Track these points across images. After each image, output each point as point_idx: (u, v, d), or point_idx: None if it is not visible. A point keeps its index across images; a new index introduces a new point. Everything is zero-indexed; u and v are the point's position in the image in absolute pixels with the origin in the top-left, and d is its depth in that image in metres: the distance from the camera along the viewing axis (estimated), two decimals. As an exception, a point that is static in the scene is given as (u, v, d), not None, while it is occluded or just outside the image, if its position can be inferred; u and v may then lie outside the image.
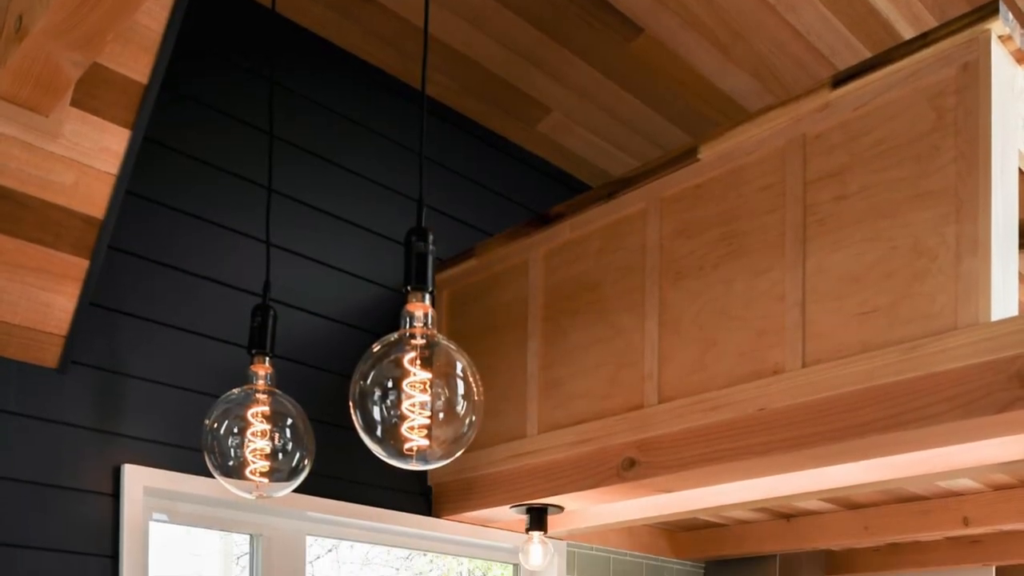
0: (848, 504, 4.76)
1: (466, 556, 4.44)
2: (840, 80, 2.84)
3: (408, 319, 2.36)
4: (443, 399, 2.47)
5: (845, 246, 2.83)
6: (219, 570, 3.75)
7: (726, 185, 3.14)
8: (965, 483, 4.28)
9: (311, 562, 3.89)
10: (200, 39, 3.44)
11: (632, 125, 4.32)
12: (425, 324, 2.37)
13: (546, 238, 3.69)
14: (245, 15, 3.55)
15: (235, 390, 2.90)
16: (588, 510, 4.10)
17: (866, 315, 2.77)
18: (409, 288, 2.34)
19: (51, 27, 2.14)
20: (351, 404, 2.46)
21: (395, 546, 4.17)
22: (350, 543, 4.04)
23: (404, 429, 2.47)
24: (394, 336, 2.37)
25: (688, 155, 3.23)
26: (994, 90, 2.54)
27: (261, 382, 2.87)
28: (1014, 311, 2.58)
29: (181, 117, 3.40)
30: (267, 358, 2.88)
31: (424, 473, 4.05)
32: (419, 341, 2.41)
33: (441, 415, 2.50)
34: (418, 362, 2.41)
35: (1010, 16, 2.54)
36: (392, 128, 4.00)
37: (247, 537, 3.69)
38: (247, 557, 3.71)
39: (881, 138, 2.75)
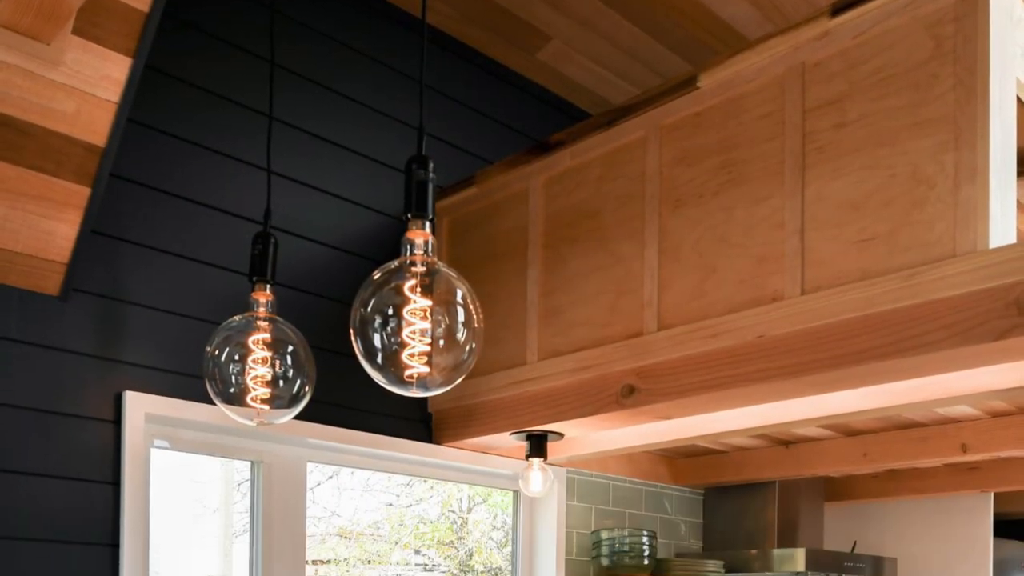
0: (847, 431, 4.79)
1: (466, 483, 4.48)
2: (839, 8, 2.84)
3: (408, 246, 2.39)
4: (443, 326, 2.49)
5: (844, 174, 2.84)
6: (220, 497, 3.79)
7: (725, 113, 3.15)
8: (963, 410, 4.30)
9: (312, 489, 3.93)
10: (199, -34, 3.44)
11: (632, 53, 4.32)
12: (425, 252, 2.40)
13: (546, 166, 3.70)
14: (244, -59, 3.55)
15: (236, 317, 2.94)
16: (588, 437, 4.13)
17: (865, 243, 2.79)
18: (409, 216, 2.36)
19: (52, -45, 2.15)
20: (352, 331, 2.49)
21: (395, 473, 4.20)
22: (350, 470, 4.08)
23: (404, 356, 2.50)
24: (394, 263, 2.40)
25: (688, 83, 3.23)
26: (992, 18, 2.54)
27: (262, 309, 2.91)
28: (1012, 239, 2.59)
29: (182, 45, 3.40)
30: (268, 285, 2.92)
31: (424, 400, 4.09)
32: (419, 268, 2.43)
33: (441, 342, 2.52)
34: (418, 289, 2.43)
35: (1010, -58, 2.54)
36: (392, 56, 4.00)
37: (248, 464, 3.73)
38: (248, 484, 3.74)
39: (880, 66, 2.76)
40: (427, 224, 2.39)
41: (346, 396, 3.80)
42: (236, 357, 2.92)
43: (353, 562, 4.26)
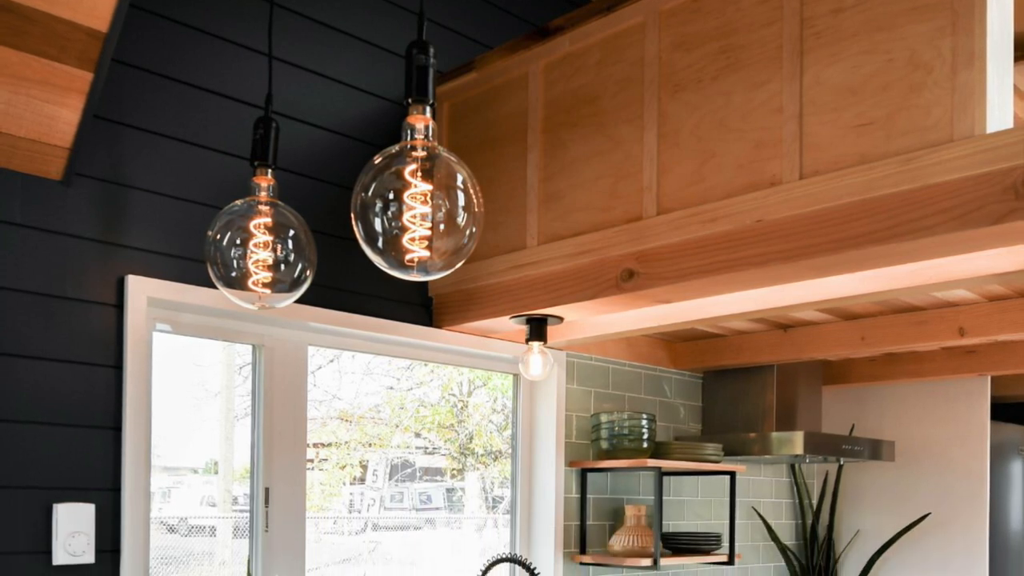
0: (845, 315, 4.83)
1: (466, 366, 4.52)
2: None
3: (409, 131, 2.41)
4: (444, 211, 2.53)
5: (842, 59, 2.86)
6: (221, 380, 3.84)
7: (724, -2, 3.18)
8: (961, 294, 4.34)
9: (313, 372, 3.97)
10: None
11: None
12: (426, 136, 2.42)
13: (546, 51, 3.70)
14: None
15: (237, 202, 2.95)
16: (587, 321, 4.17)
17: (863, 127, 2.82)
18: (410, 100, 2.38)
19: None
20: (353, 215, 2.52)
21: (396, 356, 4.23)
22: (351, 353, 4.13)
23: (405, 240, 2.54)
24: (395, 148, 2.42)
25: (687, -32, 3.24)
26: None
27: (263, 194, 2.92)
28: (1009, 124, 2.62)
29: (184, -71, 3.40)
30: (269, 170, 2.93)
31: (425, 284, 4.13)
32: (420, 153, 2.46)
33: (442, 226, 2.56)
34: (419, 174, 2.46)
35: None
36: (393, -60, 3.99)
37: (249, 348, 3.76)
38: (249, 368, 3.78)
39: (879, -51, 2.78)
40: (427, 109, 2.41)
41: (347, 280, 3.85)
42: (238, 241, 2.93)
43: (354, 445, 4.32)
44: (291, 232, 2.98)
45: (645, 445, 4.69)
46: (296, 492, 3.83)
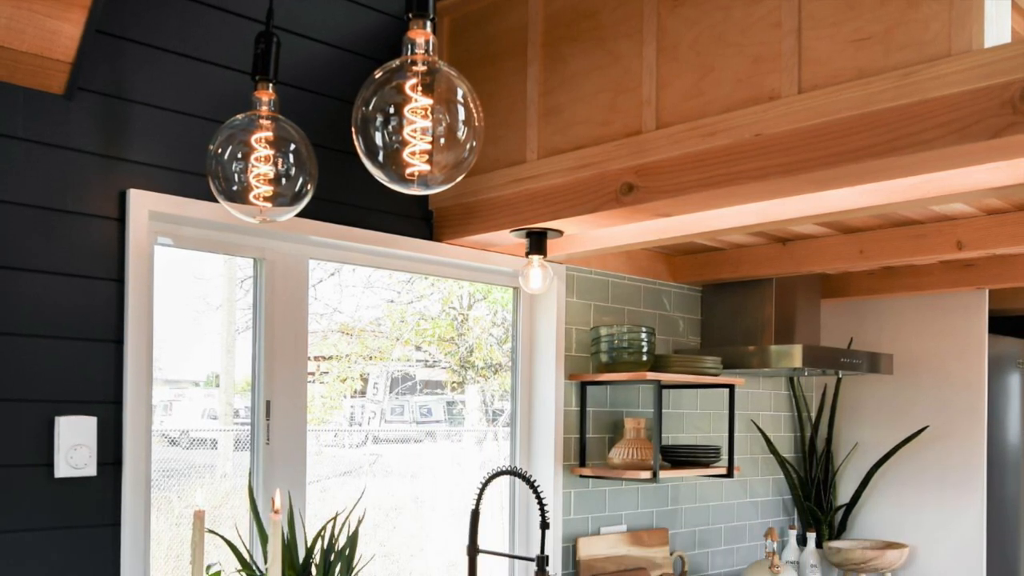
0: (843, 228, 4.85)
1: (467, 280, 4.55)
2: None
3: (409, 46, 2.44)
4: (444, 125, 2.56)
5: (840, -27, 2.89)
6: (223, 294, 3.86)
7: (721, -90, 3.18)
8: (959, 208, 4.36)
9: (314, 286, 4.00)
10: None
11: None
12: (426, 51, 2.45)
13: (546, -36, 3.72)
14: None
15: (239, 116, 2.99)
16: (587, 234, 4.21)
17: (861, 42, 2.84)
18: (410, 15, 2.41)
19: None
20: (353, 130, 2.55)
21: (396, 270, 4.24)
22: (352, 267, 4.16)
23: (406, 154, 2.57)
24: (396, 62, 2.45)
25: None
26: None
27: (264, 108, 2.95)
28: (1007, 38, 2.65)
29: None
30: (270, 84, 2.95)
31: (425, 197, 4.15)
32: (420, 68, 2.49)
33: (442, 140, 2.59)
34: (419, 88, 2.49)
35: None
36: None
37: (250, 261, 3.79)
38: (250, 281, 3.81)
39: None
40: (428, 24, 2.43)
41: (347, 194, 3.87)
42: (239, 155, 2.97)
43: (355, 358, 4.36)
44: (292, 146, 3.02)
45: (644, 358, 4.72)
46: (297, 405, 3.87)
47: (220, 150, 2.98)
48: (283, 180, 3.02)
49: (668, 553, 5.28)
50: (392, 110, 2.53)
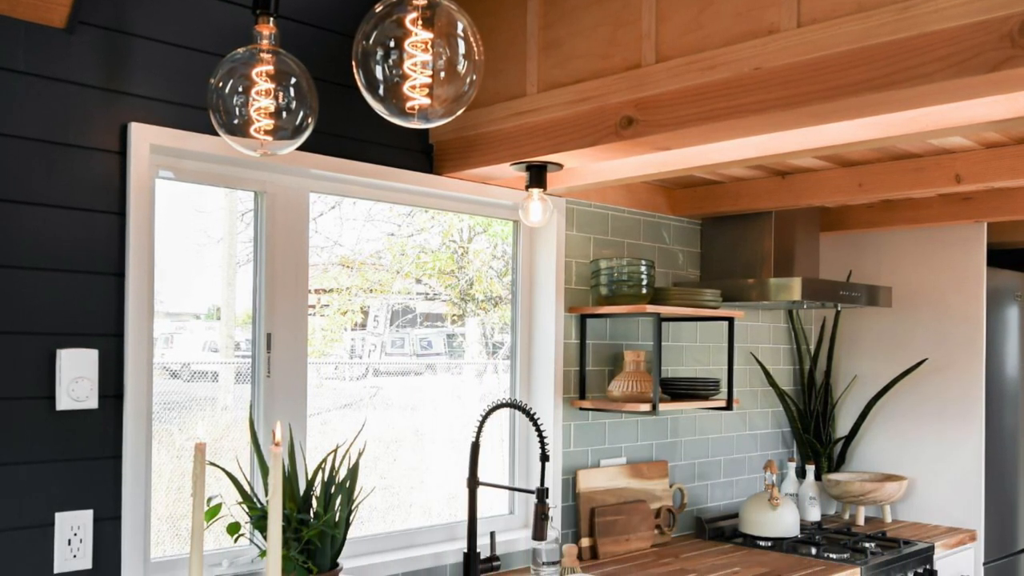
0: (842, 162, 4.87)
1: (467, 213, 4.56)
2: None
3: (410, -20, 2.46)
4: (444, 58, 2.59)
5: (839, -95, 2.89)
6: (224, 227, 3.87)
7: None
8: (957, 141, 4.38)
9: (314, 219, 4.01)
10: None
11: None
12: (427, -15, 2.48)
13: None
14: None
15: (240, 50, 3.01)
16: (587, 168, 4.22)
17: (860, -25, 2.86)
18: (411, -51, 2.44)
19: None
20: (354, 63, 2.58)
21: (397, 203, 4.26)
22: (352, 200, 4.17)
23: (406, 88, 2.60)
24: (396, -4, 2.48)
25: None
26: None
27: (265, 41, 2.97)
28: (1006, -29, 2.66)
29: None
30: (271, 18, 2.96)
31: (425, 131, 4.16)
32: (421, 1, 2.51)
33: (442, 74, 2.62)
34: (420, 22, 2.51)
35: None
36: None
37: (251, 194, 3.81)
38: (251, 214, 3.83)
39: None
40: (428, -43, 2.46)
41: (348, 127, 3.89)
42: (240, 89, 2.99)
43: (355, 291, 4.37)
44: (293, 80, 3.04)
45: (644, 291, 4.75)
46: (298, 338, 3.90)
47: (221, 84, 3.00)
48: (284, 114, 3.04)
49: (667, 485, 5.34)
50: (392, 44, 2.55)
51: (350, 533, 3.59)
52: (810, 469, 5.95)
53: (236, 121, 3.02)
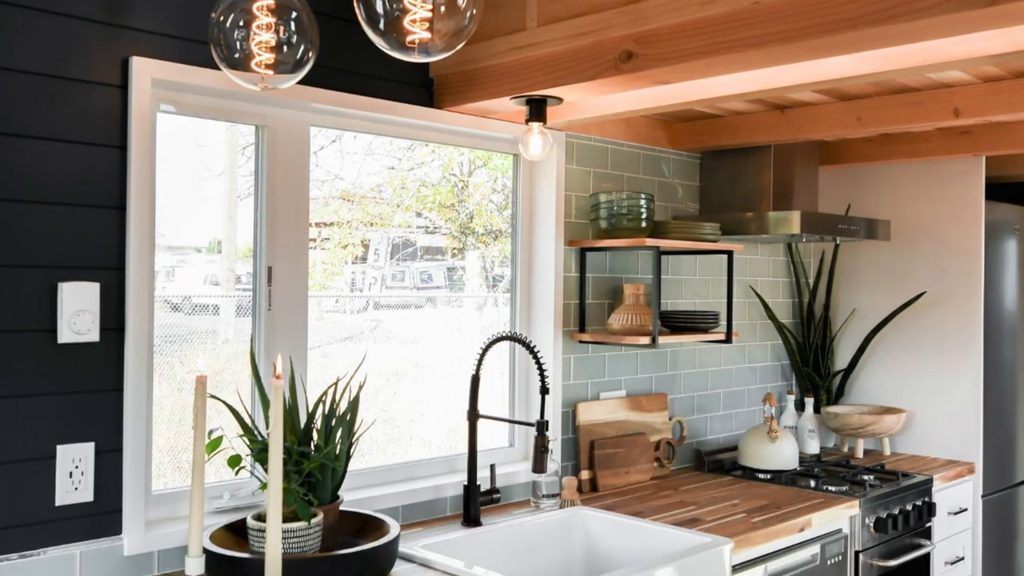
0: (841, 96, 4.88)
1: (467, 147, 4.57)
2: None
3: (410, -86, 2.48)
4: (444, -7, 2.61)
5: None
6: (224, 160, 3.88)
7: None
8: (955, 75, 4.40)
9: (315, 152, 4.03)
10: None
11: None
12: (426, -81, 2.49)
13: None
14: None
15: None
16: (587, 101, 4.23)
17: (858, -91, 2.87)
18: None
19: None
20: (355, -3, 2.60)
21: (397, 137, 4.28)
22: (353, 134, 4.19)
23: (406, 22, 2.63)
24: (397, -69, 2.49)
25: None
26: None
27: None
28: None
29: None
30: None
31: (426, 65, 4.18)
32: (421, -65, 2.53)
33: (442, 8, 2.64)
34: (420, -43, 2.53)
35: None
36: None
37: (252, 128, 3.83)
38: (252, 148, 3.84)
39: None
40: None
41: (348, 61, 3.90)
42: (240, 23, 3.00)
43: (356, 224, 4.39)
44: (293, 14, 3.04)
45: (644, 224, 4.78)
46: (298, 271, 3.94)
47: (222, 17, 3.01)
48: (284, 48, 3.06)
49: (667, 418, 5.40)
50: (393, -23, 2.57)
51: (351, 466, 3.64)
52: (809, 402, 6.00)
53: (237, 55, 3.04)
